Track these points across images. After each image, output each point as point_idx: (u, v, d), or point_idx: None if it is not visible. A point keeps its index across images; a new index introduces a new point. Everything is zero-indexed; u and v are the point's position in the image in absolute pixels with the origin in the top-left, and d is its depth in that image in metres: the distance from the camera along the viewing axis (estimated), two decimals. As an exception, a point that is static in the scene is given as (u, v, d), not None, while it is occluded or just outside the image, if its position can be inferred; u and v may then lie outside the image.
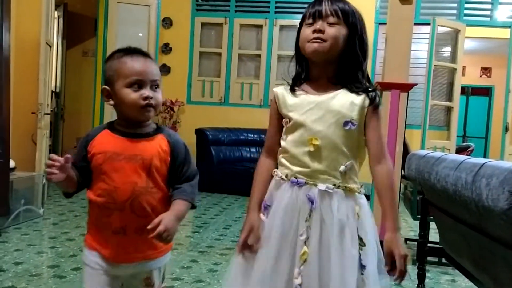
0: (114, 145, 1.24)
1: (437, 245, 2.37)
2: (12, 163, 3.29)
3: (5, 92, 3.11)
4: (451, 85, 5.21)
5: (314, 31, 1.20)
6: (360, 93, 1.22)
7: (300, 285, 1.17)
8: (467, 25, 5.15)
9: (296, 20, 6.02)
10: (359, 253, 1.21)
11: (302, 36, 1.24)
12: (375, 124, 1.25)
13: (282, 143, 1.28)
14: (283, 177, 1.24)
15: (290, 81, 1.30)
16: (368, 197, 4.80)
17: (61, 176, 1.16)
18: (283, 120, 1.28)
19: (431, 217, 2.25)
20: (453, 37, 5.18)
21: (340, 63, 1.24)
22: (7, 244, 2.91)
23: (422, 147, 4.46)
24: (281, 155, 1.28)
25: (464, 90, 7.81)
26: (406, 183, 3.41)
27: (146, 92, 1.22)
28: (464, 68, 6.00)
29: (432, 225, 2.24)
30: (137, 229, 1.24)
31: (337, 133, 1.21)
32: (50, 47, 4.12)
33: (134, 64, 1.23)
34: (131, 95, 1.21)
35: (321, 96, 1.23)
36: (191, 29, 6.28)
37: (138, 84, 1.22)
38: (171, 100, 6.11)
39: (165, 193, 1.28)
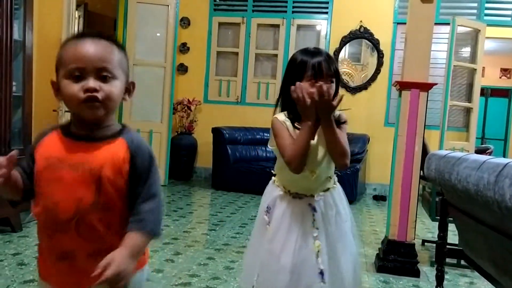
0: (59, 150, 1.00)
1: (456, 247, 2.34)
2: (33, 160, 3.35)
3: (28, 90, 3.17)
4: (470, 86, 5.14)
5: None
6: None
7: (323, 269, 1.49)
8: (488, 25, 5.08)
9: (313, 20, 6.05)
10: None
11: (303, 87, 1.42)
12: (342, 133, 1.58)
13: (281, 168, 1.53)
14: (285, 191, 1.56)
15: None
16: (384, 198, 4.79)
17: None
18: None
19: (450, 219, 2.23)
20: (473, 37, 5.11)
21: None
22: (28, 239, 2.97)
23: (441, 148, 4.41)
24: (281, 176, 1.59)
25: (483, 91, 7.69)
26: (425, 184, 3.38)
27: (89, 82, 0.96)
28: (483, 69, 5.92)
29: (451, 227, 2.22)
30: (89, 255, 1.00)
31: (326, 161, 1.53)
32: (71, 46, 4.19)
33: (76, 49, 0.98)
34: (70, 86, 0.97)
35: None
36: (209, 28, 6.32)
37: (79, 73, 0.97)
38: (188, 99, 6.15)
39: (123, 212, 1.02)
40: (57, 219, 0.98)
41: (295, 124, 1.49)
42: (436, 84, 2.77)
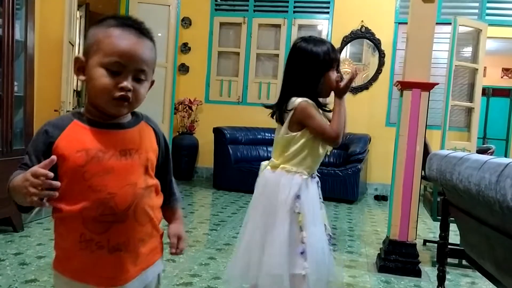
0: (96, 141, 0.95)
1: (457, 247, 2.34)
2: (35, 160, 3.35)
3: (29, 89, 3.18)
4: (472, 85, 5.13)
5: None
6: None
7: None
8: (489, 24, 5.07)
9: (314, 20, 6.05)
10: None
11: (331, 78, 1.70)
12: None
13: (308, 152, 1.71)
14: (308, 176, 1.72)
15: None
16: (385, 198, 4.77)
17: (54, 193, 0.87)
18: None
19: (452, 219, 2.23)
20: (475, 37, 5.10)
21: None
22: (29, 239, 2.98)
23: (442, 148, 4.40)
24: (306, 161, 1.71)
25: (484, 91, 7.67)
26: (426, 184, 3.38)
27: (125, 82, 0.94)
28: (485, 68, 5.91)
29: (452, 227, 2.22)
30: (140, 240, 1.01)
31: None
32: (73, 46, 4.19)
33: (121, 40, 0.94)
34: (104, 79, 0.93)
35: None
36: (210, 28, 6.32)
37: (118, 68, 0.94)
38: (189, 99, 6.16)
39: (158, 190, 1.07)
40: (116, 210, 0.95)
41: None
42: (437, 84, 2.76)
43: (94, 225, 0.95)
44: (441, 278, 2.21)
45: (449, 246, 2.27)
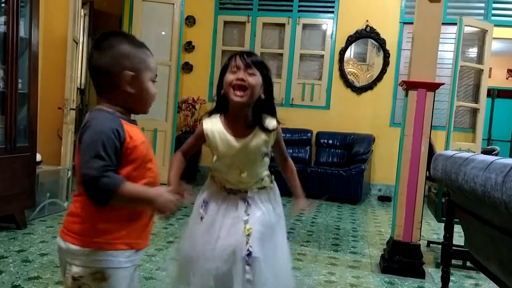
0: (141, 134, 1.23)
1: (462, 248, 2.32)
2: (38, 157, 3.36)
3: (33, 87, 3.18)
4: (477, 86, 5.11)
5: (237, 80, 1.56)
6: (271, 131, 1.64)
7: (252, 249, 1.57)
8: (495, 25, 5.04)
9: (319, 19, 6.03)
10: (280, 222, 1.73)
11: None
12: (281, 141, 1.72)
13: (215, 165, 1.69)
14: (221, 186, 1.69)
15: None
16: (389, 199, 4.74)
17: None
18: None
19: (456, 220, 2.21)
20: (480, 38, 5.07)
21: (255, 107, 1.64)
22: (32, 236, 2.98)
23: (447, 149, 4.38)
24: (216, 173, 1.71)
25: (489, 92, 7.63)
26: (430, 185, 3.36)
27: (156, 88, 1.28)
28: (490, 70, 5.87)
29: (456, 228, 2.20)
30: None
31: (258, 163, 1.65)
32: (77, 43, 4.19)
33: (152, 59, 1.26)
34: (153, 88, 1.26)
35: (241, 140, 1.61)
36: (214, 27, 6.31)
37: (154, 80, 1.27)
38: (193, 98, 6.15)
39: None
40: (158, 184, 1.24)
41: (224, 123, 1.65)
42: (443, 84, 2.74)
43: None
44: (445, 280, 2.19)
45: (453, 248, 2.26)
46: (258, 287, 1.54)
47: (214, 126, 1.64)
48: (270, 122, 1.63)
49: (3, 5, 2.99)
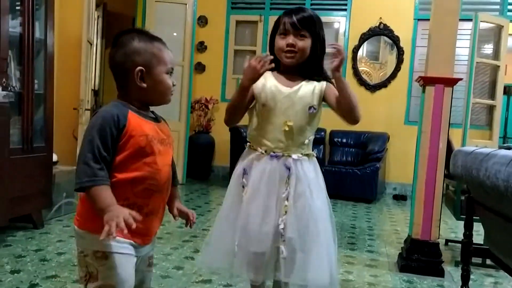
0: (149, 129, 1.23)
1: (481, 246, 2.28)
2: (54, 157, 3.38)
3: (49, 88, 3.20)
4: (493, 83, 5.02)
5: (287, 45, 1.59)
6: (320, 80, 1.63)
7: (283, 229, 1.54)
8: (511, 21, 4.96)
9: (332, 17, 6.00)
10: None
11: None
12: (333, 90, 1.61)
13: (256, 123, 1.64)
14: (263, 152, 1.61)
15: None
16: (404, 198, 4.69)
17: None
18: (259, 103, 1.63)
19: (475, 217, 2.17)
20: (496, 33, 4.99)
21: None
22: (50, 235, 3.00)
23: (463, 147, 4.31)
24: (257, 134, 1.64)
25: (505, 90, 7.49)
26: (448, 182, 3.31)
27: (173, 80, 1.30)
28: (506, 66, 5.78)
29: (475, 226, 2.17)
30: (163, 208, 1.32)
31: (304, 115, 1.60)
32: (91, 45, 4.22)
33: (168, 52, 1.28)
34: (169, 81, 1.27)
35: (289, 88, 1.60)
36: (226, 27, 6.31)
37: (171, 71, 1.28)
38: (206, 98, 6.16)
39: None
40: (159, 182, 1.24)
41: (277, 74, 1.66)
42: (461, 79, 2.70)
43: (142, 192, 1.21)
44: (465, 278, 2.15)
45: (473, 245, 2.22)
46: (291, 266, 1.53)
47: (265, 77, 1.62)
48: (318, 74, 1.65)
49: (18, 7, 3.02)
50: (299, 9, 1.61)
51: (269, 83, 1.62)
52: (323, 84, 1.63)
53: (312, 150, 1.70)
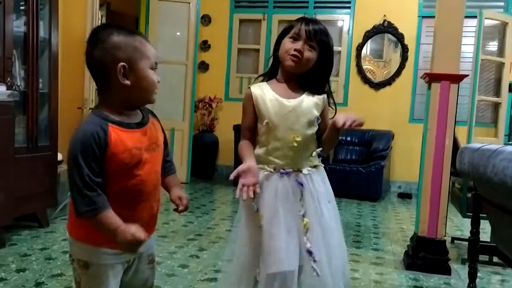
0: (131, 141, 1.16)
1: (488, 243, 2.27)
2: (59, 156, 3.39)
3: (54, 87, 3.21)
4: (498, 80, 5.00)
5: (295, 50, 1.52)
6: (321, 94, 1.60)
7: (310, 247, 1.50)
8: (516, 17, 4.93)
9: (335, 15, 5.98)
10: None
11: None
12: (327, 111, 1.64)
13: (261, 141, 1.57)
14: (272, 170, 1.55)
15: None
16: (409, 196, 4.67)
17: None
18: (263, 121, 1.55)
19: (482, 215, 2.16)
20: (501, 30, 4.96)
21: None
22: (55, 234, 3.01)
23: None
24: (262, 151, 1.57)
25: (510, 87, 7.46)
26: (454, 180, 3.29)
27: (158, 77, 1.22)
28: (510, 63, 5.75)
29: (482, 224, 2.15)
30: (153, 216, 1.28)
31: (310, 128, 1.56)
32: (95, 44, 4.22)
33: (151, 46, 1.20)
34: (153, 76, 1.19)
35: (293, 100, 1.55)
36: (230, 26, 6.30)
37: (155, 67, 1.20)
38: (209, 97, 6.16)
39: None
40: (145, 192, 1.20)
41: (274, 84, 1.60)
42: (467, 75, 2.69)
43: (126, 202, 1.17)
44: (472, 275, 2.14)
45: (480, 243, 2.21)
46: (316, 281, 1.51)
47: (262, 90, 1.58)
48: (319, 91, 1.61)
49: (22, 7, 3.02)
50: (317, 20, 1.58)
51: (268, 96, 1.56)
52: (324, 96, 1.60)
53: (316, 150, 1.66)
